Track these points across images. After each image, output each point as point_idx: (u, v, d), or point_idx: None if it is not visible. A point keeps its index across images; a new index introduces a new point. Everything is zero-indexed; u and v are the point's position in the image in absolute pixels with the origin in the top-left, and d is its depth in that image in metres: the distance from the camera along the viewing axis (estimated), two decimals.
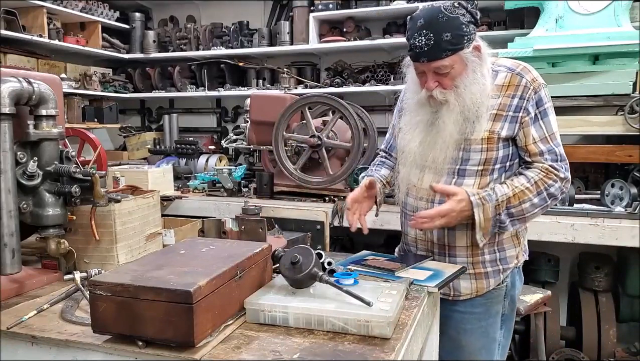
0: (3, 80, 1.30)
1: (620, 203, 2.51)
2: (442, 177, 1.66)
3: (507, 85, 1.60)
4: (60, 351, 1.12)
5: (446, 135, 1.60)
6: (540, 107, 1.60)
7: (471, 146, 1.61)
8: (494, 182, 1.64)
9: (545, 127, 1.60)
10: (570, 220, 2.39)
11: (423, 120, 1.65)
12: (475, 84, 1.57)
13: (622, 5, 2.68)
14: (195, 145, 3.95)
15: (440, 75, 1.56)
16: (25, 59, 3.70)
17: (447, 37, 1.50)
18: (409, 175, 1.73)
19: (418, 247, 1.77)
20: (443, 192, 1.58)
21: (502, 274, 1.70)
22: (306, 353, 1.02)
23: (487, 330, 1.74)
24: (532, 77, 1.61)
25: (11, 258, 1.31)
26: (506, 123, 1.59)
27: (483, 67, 1.59)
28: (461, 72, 1.56)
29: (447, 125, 1.59)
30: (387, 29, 3.95)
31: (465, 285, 1.70)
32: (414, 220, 1.58)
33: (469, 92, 1.56)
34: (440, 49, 1.51)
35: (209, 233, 1.81)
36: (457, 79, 1.56)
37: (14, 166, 1.34)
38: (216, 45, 4.25)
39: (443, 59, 1.52)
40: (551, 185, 1.58)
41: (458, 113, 1.58)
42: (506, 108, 1.59)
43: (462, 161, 1.63)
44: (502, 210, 1.57)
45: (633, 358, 2.93)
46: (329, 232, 2.70)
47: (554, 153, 1.60)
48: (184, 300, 1.00)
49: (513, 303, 1.79)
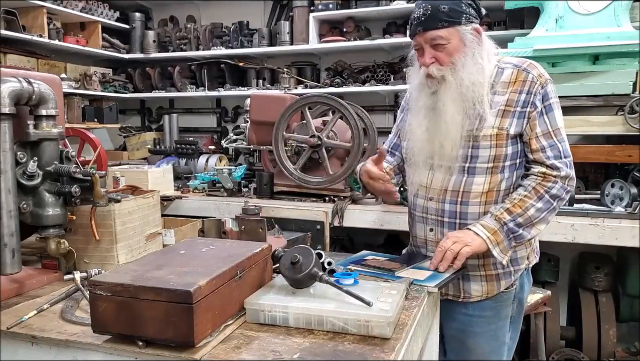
0: (3, 80, 1.30)
1: (620, 203, 2.51)
2: (452, 175, 1.64)
3: (514, 82, 1.60)
4: (60, 351, 1.11)
5: (447, 117, 1.58)
6: (546, 102, 1.59)
7: (480, 143, 1.59)
8: (505, 181, 1.62)
9: (549, 122, 1.59)
10: (570, 220, 2.38)
11: (425, 105, 1.64)
12: (473, 65, 1.56)
13: (622, 5, 2.68)
14: (195, 145, 3.95)
15: (437, 51, 1.56)
16: (25, 59, 3.70)
17: (444, 8, 1.52)
18: (418, 175, 1.72)
19: (428, 248, 1.75)
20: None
21: (512, 276, 1.68)
22: (306, 353, 1.02)
23: (496, 333, 1.73)
24: (539, 72, 1.60)
25: (11, 258, 1.31)
26: (514, 119, 1.58)
27: (483, 51, 1.58)
28: (458, 48, 1.55)
29: (447, 106, 1.58)
30: (387, 29, 3.95)
31: (476, 287, 1.69)
32: (440, 265, 1.55)
33: (467, 72, 1.55)
34: (436, 18, 1.53)
35: (209, 233, 1.81)
36: (454, 55, 1.55)
37: (14, 166, 1.33)
38: (216, 45, 4.25)
39: (439, 29, 1.53)
40: (551, 187, 1.57)
41: (456, 93, 1.57)
42: (514, 104, 1.58)
43: (471, 158, 1.61)
44: (505, 220, 1.56)
45: (633, 358, 2.93)
46: (329, 232, 2.70)
47: (556, 149, 1.58)
48: (184, 300, 1.00)
49: (521, 306, 1.78)
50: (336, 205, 2.74)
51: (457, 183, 1.64)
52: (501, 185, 1.63)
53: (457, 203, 1.65)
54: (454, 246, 1.53)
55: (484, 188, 1.62)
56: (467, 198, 1.64)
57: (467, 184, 1.63)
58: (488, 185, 1.62)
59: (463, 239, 1.55)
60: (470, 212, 1.64)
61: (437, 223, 1.70)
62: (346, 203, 2.77)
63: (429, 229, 1.73)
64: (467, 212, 1.65)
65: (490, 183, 1.62)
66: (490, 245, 1.55)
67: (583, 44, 2.66)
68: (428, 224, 1.73)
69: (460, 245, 1.53)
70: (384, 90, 3.83)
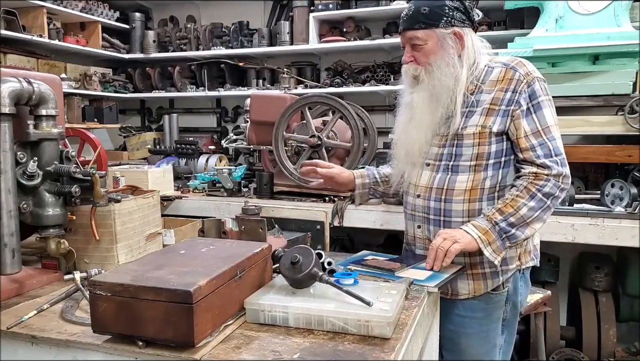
0: (3, 80, 1.30)
1: (620, 203, 2.51)
2: (437, 173, 1.67)
3: (501, 80, 1.60)
4: (60, 351, 1.12)
5: (418, 114, 1.64)
6: (534, 100, 1.57)
7: (463, 141, 1.61)
8: (489, 179, 1.63)
9: (538, 121, 1.57)
10: (570, 220, 2.38)
11: (405, 101, 1.71)
12: (447, 67, 1.59)
13: (622, 5, 2.68)
14: (195, 145, 3.95)
15: (416, 51, 1.63)
16: (25, 59, 3.70)
17: (424, 11, 1.59)
18: (410, 174, 1.75)
19: (417, 245, 1.77)
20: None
21: (501, 276, 1.67)
22: (306, 353, 1.02)
23: (487, 335, 1.73)
24: (527, 70, 1.59)
25: (11, 258, 1.31)
26: (498, 117, 1.59)
27: (463, 57, 1.60)
28: (435, 50, 1.60)
29: (419, 103, 1.64)
30: (387, 29, 3.94)
31: (463, 285, 1.70)
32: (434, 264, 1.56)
33: (439, 73, 1.59)
34: (415, 19, 1.60)
35: (209, 233, 1.81)
36: (430, 57, 1.61)
37: (14, 166, 1.34)
38: (216, 45, 4.25)
39: (416, 29, 1.60)
40: (543, 185, 1.56)
41: (429, 92, 1.62)
42: (499, 102, 1.59)
43: (455, 157, 1.64)
44: (497, 220, 1.55)
45: (633, 358, 2.93)
46: (329, 232, 2.70)
47: (546, 148, 1.56)
48: (184, 300, 1.00)
49: (515, 309, 1.77)
50: (336, 205, 2.74)
51: (441, 181, 1.66)
52: (485, 182, 1.63)
53: (441, 201, 1.67)
54: (443, 243, 1.54)
55: (467, 185, 1.63)
56: (451, 195, 1.65)
57: (450, 182, 1.65)
58: (471, 182, 1.63)
59: (452, 236, 1.55)
60: (454, 210, 1.65)
61: (424, 220, 1.72)
62: (346, 203, 2.76)
63: (417, 226, 1.75)
64: (450, 210, 1.66)
65: (473, 181, 1.63)
66: (481, 244, 1.55)
67: (583, 44, 2.66)
68: (416, 221, 1.75)
69: (449, 242, 1.54)
70: (384, 90, 3.82)
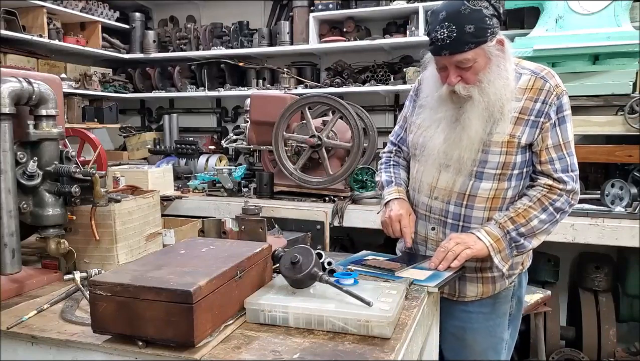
0: (3, 80, 1.30)
1: (620, 203, 2.51)
2: (459, 177, 1.62)
3: (531, 89, 1.57)
4: (60, 351, 1.12)
5: (472, 131, 1.55)
6: (560, 114, 1.57)
7: (490, 148, 1.57)
8: (511, 189, 1.62)
9: (561, 134, 1.57)
10: (570, 220, 2.38)
11: (446, 116, 1.60)
12: (499, 79, 1.53)
13: (622, 5, 2.68)
14: (195, 145, 3.95)
15: (463, 70, 1.51)
16: (25, 59, 3.70)
17: (469, 30, 1.45)
18: (426, 173, 1.70)
19: (428, 247, 1.74)
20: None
21: (507, 279, 1.70)
22: (306, 353, 1.02)
23: (494, 329, 1.74)
24: (556, 82, 1.58)
25: (11, 258, 1.31)
26: (527, 128, 1.56)
27: (507, 62, 1.55)
28: (484, 66, 1.51)
29: (472, 121, 1.55)
30: (387, 29, 3.95)
31: (472, 288, 1.70)
32: (440, 264, 1.56)
33: (493, 87, 1.52)
34: (462, 41, 1.46)
35: (209, 233, 1.81)
36: (480, 74, 1.52)
37: (14, 166, 1.33)
38: (216, 45, 4.25)
39: (466, 52, 1.47)
40: (556, 199, 1.56)
41: (483, 109, 1.54)
42: (528, 112, 1.56)
43: (480, 163, 1.59)
44: (509, 229, 1.56)
45: (633, 358, 2.93)
46: (329, 232, 2.70)
47: (564, 163, 1.57)
48: (184, 300, 1.00)
49: (520, 303, 1.79)
50: (336, 205, 2.74)
51: (464, 186, 1.62)
52: (507, 192, 1.62)
53: (462, 206, 1.64)
54: (456, 247, 1.54)
55: (490, 194, 1.61)
56: (473, 202, 1.63)
57: (473, 188, 1.62)
58: (494, 191, 1.61)
59: (465, 241, 1.55)
60: (474, 216, 1.64)
61: (440, 223, 1.70)
62: (346, 203, 2.77)
63: (431, 228, 1.72)
64: (471, 216, 1.64)
65: (496, 190, 1.61)
66: (492, 252, 1.56)
67: (583, 44, 2.66)
68: (430, 223, 1.72)
69: (462, 247, 1.54)
70: (384, 90, 3.83)
